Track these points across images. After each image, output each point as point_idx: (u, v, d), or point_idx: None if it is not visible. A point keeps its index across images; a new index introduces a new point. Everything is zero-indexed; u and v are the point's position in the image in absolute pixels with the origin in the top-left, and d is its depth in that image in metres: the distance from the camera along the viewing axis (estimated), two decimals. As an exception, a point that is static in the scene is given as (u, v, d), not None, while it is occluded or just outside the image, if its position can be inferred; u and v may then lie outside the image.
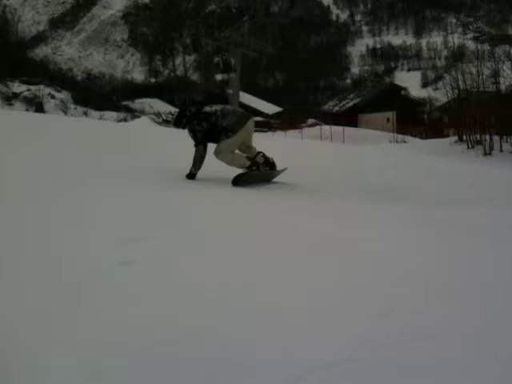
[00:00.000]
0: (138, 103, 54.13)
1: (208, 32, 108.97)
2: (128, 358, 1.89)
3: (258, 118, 45.72)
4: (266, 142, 9.42)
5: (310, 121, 46.36)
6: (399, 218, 5.14)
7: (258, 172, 6.48)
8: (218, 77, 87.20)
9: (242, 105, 39.84)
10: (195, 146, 6.22)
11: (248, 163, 6.35)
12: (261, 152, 6.58)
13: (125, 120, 40.83)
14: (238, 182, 6.02)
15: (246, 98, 49.32)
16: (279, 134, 37.21)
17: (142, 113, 48.21)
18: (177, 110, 45.15)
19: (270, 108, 55.63)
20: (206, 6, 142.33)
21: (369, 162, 12.17)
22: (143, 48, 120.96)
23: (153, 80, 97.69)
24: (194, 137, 6.22)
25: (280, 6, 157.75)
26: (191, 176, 6.18)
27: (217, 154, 6.28)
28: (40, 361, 1.83)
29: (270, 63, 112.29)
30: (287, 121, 44.16)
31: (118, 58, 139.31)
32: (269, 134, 37.73)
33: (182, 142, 7.36)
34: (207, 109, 6.30)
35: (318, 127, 38.08)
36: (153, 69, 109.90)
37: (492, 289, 2.99)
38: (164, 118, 40.31)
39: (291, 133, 36.43)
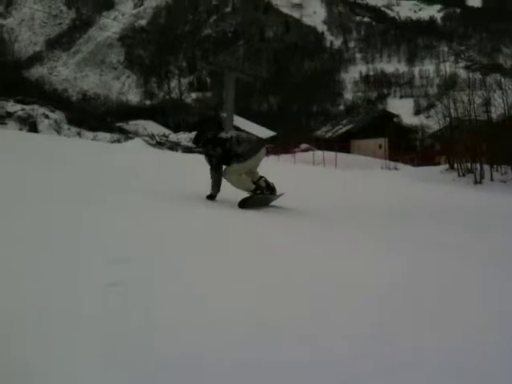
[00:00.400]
0: (132, 125, 54.13)
1: (203, 55, 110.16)
2: None
3: (251, 142, 45.94)
4: (273, 169, 9.45)
5: (303, 145, 46.61)
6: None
7: (262, 195, 6.71)
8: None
9: (236, 128, 40.02)
10: (210, 169, 6.51)
11: (253, 187, 6.58)
12: (263, 177, 6.85)
13: (118, 141, 40.81)
14: (244, 204, 6.31)
15: (240, 122, 49.56)
16: (272, 158, 37.32)
17: (136, 134, 48.23)
18: (170, 131, 44.96)
19: (263, 132, 55.83)
20: (201, 30, 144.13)
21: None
22: (139, 70, 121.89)
23: (148, 102, 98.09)
24: (209, 161, 6.51)
25: (275, 32, 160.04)
26: (211, 197, 6.49)
27: (225, 174, 6.51)
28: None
29: (264, 87, 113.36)
30: (280, 145, 44.33)
31: (113, 80, 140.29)
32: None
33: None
34: (223, 135, 6.57)
35: (310, 152, 38.27)
36: (148, 91, 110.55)
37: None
38: (158, 139, 40.32)
39: (284, 157, 36.57)
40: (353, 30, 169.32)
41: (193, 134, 43.94)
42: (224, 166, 6.51)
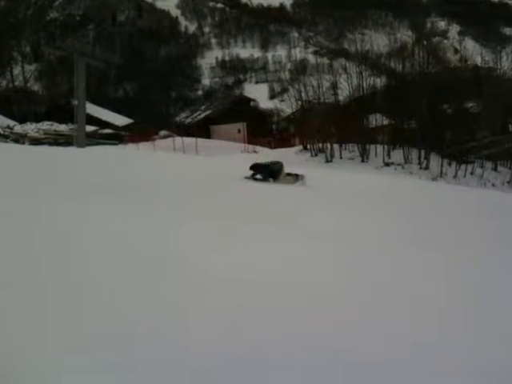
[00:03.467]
0: (-31, 118, 48.79)
1: (50, 40, 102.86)
2: None
3: (108, 130, 44.03)
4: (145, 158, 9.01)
5: (163, 132, 45.75)
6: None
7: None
8: (64, 87, 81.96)
9: (90, 116, 38.07)
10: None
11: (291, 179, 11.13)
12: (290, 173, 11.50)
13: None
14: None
15: (94, 110, 47.17)
16: (131, 146, 36.18)
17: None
18: (15, 123, 41.21)
19: (120, 119, 53.87)
20: (47, 14, 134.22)
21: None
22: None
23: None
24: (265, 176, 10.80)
25: (127, 16, 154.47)
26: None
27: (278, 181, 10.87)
28: None
29: (118, 73, 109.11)
30: (139, 133, 43.11)
31: None
32: (120, 146, 36.53)
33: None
34: (269, 163, 11.69)
35: (170, 139, 37.76)
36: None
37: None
38: (1, 132, 36.86)
39: (143, 145, 35.61)
40: (207, 15, 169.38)
41: (41, 125, 41.12)
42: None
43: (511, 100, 33.05)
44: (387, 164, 31.32)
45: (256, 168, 10.92)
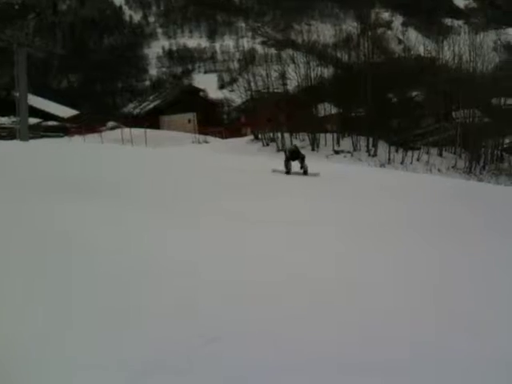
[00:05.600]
0: None
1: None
2: None
3: (52, 123, 42.64)
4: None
5: (111, 124, 44.67)
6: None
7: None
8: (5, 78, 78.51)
9: (33, 108, 36.75)
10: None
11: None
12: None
13: None
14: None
15: (37, 101, 45.53)
16: (77, 138, 35.18)
17: None
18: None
19: (65, 111, 52.19)
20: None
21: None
22: None
23: None
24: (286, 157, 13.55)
25: (69, 5, 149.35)
26: (287, 173, 13.20)
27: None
28: None
29: (62, 64, 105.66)
30: (85, 124, 41.90)
31: None
32: (66, 138, 35.49)
33: None
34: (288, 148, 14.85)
35: (118, 130, 36.95)
36: None
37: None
38: None
39: (90, 137, 34.65)
40: (152, 4, 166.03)
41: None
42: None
43: (453, 88, 34.20)
44: (337, 152, 31.87)
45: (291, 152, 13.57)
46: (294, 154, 13.48)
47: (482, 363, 2.80)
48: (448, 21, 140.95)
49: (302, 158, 13.38)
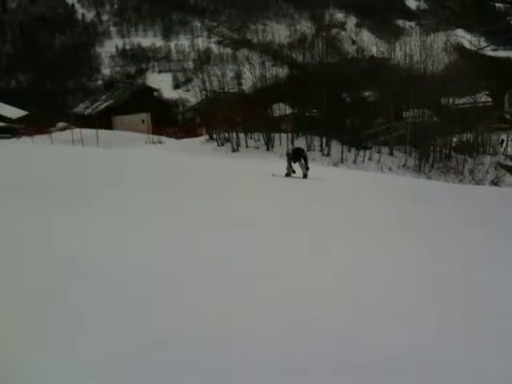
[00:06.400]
0: None
1: None
2: None
3: (0, 124, 41.17)
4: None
5: (61, 124, 43.46)
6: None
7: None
8: None
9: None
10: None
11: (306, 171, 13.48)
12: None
13: None
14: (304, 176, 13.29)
15: (-17, 102, 43.94)
16: (25, 140, 34.07)
17: None
18: None
19: (13, 112, 50.48)
20: None
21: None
22: None
23: None
24: (288, 159, 13.54)
25: (19, 3, 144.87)
26: (287, 175, 13.31)
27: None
28: None
29: (10, 63, 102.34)
30: (34, 125, 40.60)
31: None
32: (13, 140, 34.32)
33: None
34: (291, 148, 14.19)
35: (69, 131, 36.00)
36: None
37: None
38: None
39: (39, 138, 33.61)
40: (105, 3, 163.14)
41: None
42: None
43: (404, 89, 34.95)
44: (292, 152, 32.01)
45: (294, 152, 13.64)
46: (297, 153, 13.46)
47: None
48: (400, 22, 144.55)
49: (304, 157, 13.44)
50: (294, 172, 13.34)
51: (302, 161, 13.34)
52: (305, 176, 13.21)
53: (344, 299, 3.50)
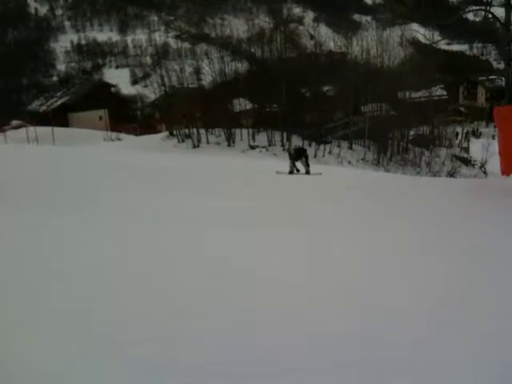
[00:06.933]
0: None
1: None
2: None
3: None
4: None
5: (15, 122, 42.17)
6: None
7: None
8: None
9: None
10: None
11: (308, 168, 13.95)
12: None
13: None
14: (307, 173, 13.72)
15: None
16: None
17: None
18: None
19: (-40, 110, 48.62)
20: None
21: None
22: None
23: None
24: (290, 157, 14.13)
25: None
26: (290, 173, 13.62)
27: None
28: None
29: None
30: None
31: None
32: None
33: None
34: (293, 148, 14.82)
35: (24, 129, 34.97)
36: None
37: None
38: None
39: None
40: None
41: None
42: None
43: (362, 83, 35.44)
44: (252, 147, 32.07)
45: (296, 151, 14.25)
46: (299, 153, 14.08)
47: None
48: (357, 16, 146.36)
49: (305, 157, 14.03)
50: (298, 171, 13.81)
51: (304, 159, 13.92)
52: (307, 172, 13.70)
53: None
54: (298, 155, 13.99)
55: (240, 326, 2.96)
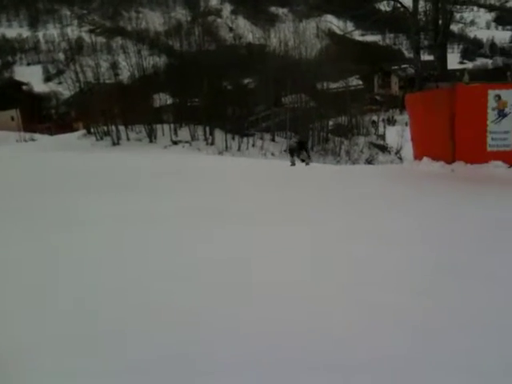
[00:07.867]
0: None
1: None
2: None
3: None
4: None
5: None
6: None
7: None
8: None
9: None
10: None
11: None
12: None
13: None
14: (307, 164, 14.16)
15: None
16: None
17: None
18: None
19: None
20: None
21: None
22: None
23: None
24: (290, 152, 15.18)
25: None
26: (292, 165, 13.61)
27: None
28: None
29: None
30: None
31: None
32: None
33: None
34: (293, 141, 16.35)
35: None
36: None
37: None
38: None
39: None
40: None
41: None
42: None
43: (281, 75, 35.81)
44: (175, 142, 31.62)
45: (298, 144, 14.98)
46: (301, 145, 15.07)
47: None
48: (274, 9, 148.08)
49: (306, 149, 15.28)
50: (303, 161, 14.45)
51: (304, 152, 14.97)
52: (307, 164, 14.15)
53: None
54: (301, 147, 15.03)
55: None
